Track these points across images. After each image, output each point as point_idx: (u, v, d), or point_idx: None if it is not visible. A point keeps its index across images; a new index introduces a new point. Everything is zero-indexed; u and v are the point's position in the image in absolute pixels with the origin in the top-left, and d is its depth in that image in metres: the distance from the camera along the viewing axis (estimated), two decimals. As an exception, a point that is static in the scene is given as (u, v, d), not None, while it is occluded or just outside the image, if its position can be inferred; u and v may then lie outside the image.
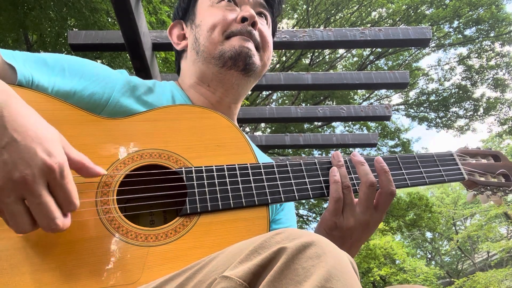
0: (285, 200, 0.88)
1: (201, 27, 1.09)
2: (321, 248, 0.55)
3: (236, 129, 0.93)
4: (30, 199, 0.62)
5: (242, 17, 1.06)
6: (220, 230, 0.80)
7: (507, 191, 1.07)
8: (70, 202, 0.66)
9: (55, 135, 0.67)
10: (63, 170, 0.64)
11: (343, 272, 0.53)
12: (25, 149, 0.61)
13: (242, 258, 0.56)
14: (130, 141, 0.85)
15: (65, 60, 0.96)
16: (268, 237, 0.58)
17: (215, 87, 1.11)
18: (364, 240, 0.94)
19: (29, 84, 0.85)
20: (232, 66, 1.05)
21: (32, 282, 0.67)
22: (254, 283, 0.53)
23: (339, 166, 0.92)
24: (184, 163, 0.85)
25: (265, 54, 1.13)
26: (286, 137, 4.25)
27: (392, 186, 0.91)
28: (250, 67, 1.06)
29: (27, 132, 0.63)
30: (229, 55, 1.04)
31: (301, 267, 0.52)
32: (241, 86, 1.12)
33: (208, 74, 1.10)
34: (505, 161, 1.12)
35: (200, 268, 0.60)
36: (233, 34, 1.06)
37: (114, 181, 0.79)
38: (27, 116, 0.65)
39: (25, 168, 0.60)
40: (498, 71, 14.84)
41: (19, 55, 0.89)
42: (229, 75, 1.07)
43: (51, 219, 0.63)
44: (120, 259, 0.73)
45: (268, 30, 1.16)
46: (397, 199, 13.31)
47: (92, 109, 0.89)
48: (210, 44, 1.06)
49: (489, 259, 18.29)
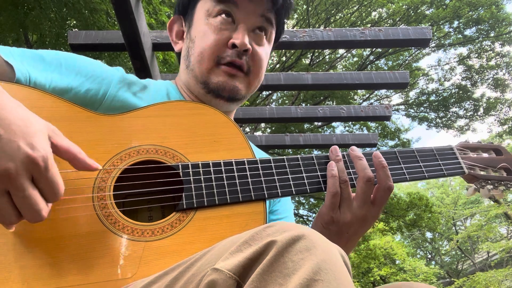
0: (282, 195, 0.88)
1: (194, 44, 1.07)
2: (311, 242, 0.55)
3: (233, 124, 0.93)
4: (14, 192, 0.62)
5: (233, 44, 1.03)
6: (217, 225, 0.80)
7: (508, 185, 1.06)
8: (55, 194, 0.66)
9: (40, 127, 0.67)
10: (47, 162, 0.64)
11: (333, 265, 0.53)
12: (8, 143, 0.61)
13: (233, 250, 0.56)
14: (126, 137, 0.85)
15: (62, 57, 0.96)
16: (259, 230, 0.59)
17: (202, 101, 1.10)
18: (361, 234, 0.94)
19: (27, 81, 0.86)
20: (217, 96, 1.06)
21: (21, 278, 0.67)
22: (244, 276, 0.53)
23: (337, 161, 0.92)
24: (181, 159, 0.86)
25: (255, 78, 1.10)
26: (286, 137, 4.25)
27: (390, 181, 0.91)
28: (235, 98, 1.07)
29: (10, 126, 0.63)
30: (213, 87, 1.05)
31: (290, 260, 0.53)
32: (228, 108, 1.12)
33: (195, 91, 1.10)
34: (506, 155, 1.10)
35: (194, 261, 0.61)
36: (223, 61, 1.04)
37: (111, 176, 0.80)
38: (11, 109, 0.65)
39: (7, 162, 0.60)
40: (498, 71, 14.84)
41: (17, 52, 0.90)
42: (215, 101, 1.08)
43: (36, 211, 0.64)
44: (117, 254, 0.73)
45: (264, 48, 1.11)
46: (397, 199, 13.30)
47: (89, 105, 0.89)
48: (199, 68, 1.06)
49: (489, 259, 18.26)
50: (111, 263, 0.72)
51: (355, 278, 14.30)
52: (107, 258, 0.73)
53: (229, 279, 0.52)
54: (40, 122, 0.68)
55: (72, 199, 0.75)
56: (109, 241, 0.74)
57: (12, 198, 0.63)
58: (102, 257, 0.72)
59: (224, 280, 0.52)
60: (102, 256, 0.72)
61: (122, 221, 0.77)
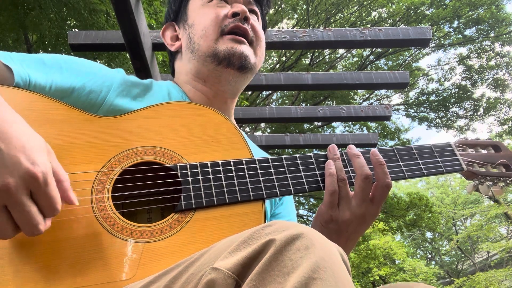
0: (280, 194, 0.88)
1: (194, 26, 1.11)
2: (309, 240, 0.55)
3: (230, 124, 0.93)
4: (12, 207, 0.62)
5: (234, 12, 1.08)
6: (215, 225, 0.79)
7: (508, 181, 1.05)
8: (53, 209, 0.66)
9: (40, 144, 0.67)
10: (46, 178, 0.64)
11: (332, 263, 0.53)
12: (8, 158, 0.61)
13: (232, 249, 0.56)
14: (124, 139, 0.85)
15: (62, 59, 0.96)
16: (258, 229, 0.58)
17: (211, 83, 1.12)
18: (361, 233, 0.94)
19: (27, 85, 0.86)
20: (228, 64, 1.07)
21: (19, 281, 0.67)
22: (243, 275, 0.53)
23: (335, 159, 0.92)
24: (179, 160, 0.85)
25: (259, 49, 1.14)
26: (286, 137, 4.25)
27: (388, 179, 0.90)
28: (246, 65, 1.08)
29: (11, 140, 0.63)
30: (223, 55, 1.06)
31: (289, 259, 0.52)
32: (238, 82, 1.13)
33: (204, 71, 1.11)
34: (505, 151, 1.10)
35: (193, 261, 0.60)
36: (227, 30, 1.07)
37: (109, 178, 0.79)
38: (12, 123, 0.65)
39: (8, 177, 0.60)
40: (498, 71, 14.83)
41: (16, 56, 0.89)
42: (226, 73, 1.08)
43: (34, 226, 0.64)
44: (115, 255, 0.73)
45: (259, 25, 1.18)
46: (397, 199, 13.30)
47: (88, 109, 0.89)
48: (205, 42, 1.08)
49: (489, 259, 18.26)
50: (109, 265, 0.72)
51: (355, 278, 14.30)
52: (106, 259, 0.72)
53: (228, 278, 0.52)
54: (39, 138, 0.69)
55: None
56: (107, 243, 0.74)
57: (10, 212, 0.63)
58: (101, 258, 0.72)
59: (223, 279, 0.52)
60: (100, 258, 0.72)
61: (120, 222, 0.76)
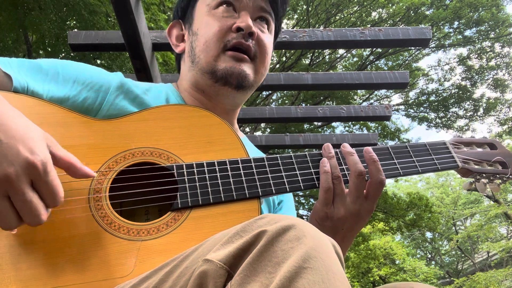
0: (276, 192, 0.88)
1: (197, 36, 1.08)
2: (301, 231, 0.55)
3: (226, 125, 0.94)
4: (14, 196, 0.63)
5: (238, 27, 1.04)
6: (211, 223, 0.80)
7: (504, 178, 1.06)
8: (54, 198, 0.67)
9: (39, 134, 0.69)
10: (46, 167, 0.65)
11: (323, 253, 0.53)
12: (7, 148, 0.62)
13: (224, 241, 0.57)
14: (122, 140, 0.86)
15: (59, 65, 0.97)
16: (251, 221, 0.59)
17: (210, 96, 1.11)
18: (357, 230, 0.94)
19: (25, 91, 0.87)
20: (225, 83, 1.05)
21: (18, 279, 0.68)
22: (235, 266, 0.54)
23: (329, 158, 0.93)
24: (176, 160, 0.87)
25: (261, 65, 1.11)
26: (286, 137, 4.25)
27: (382, 175, 0.91)
28: (244, 84, 1.06)
29: (9, 131, 0.64)
30: (220, 74, 1.04)
31: (280, 249, 0.53)
32: (236, 98, 1.12)
33: (202, 84, 1.10)
34: (501, 149, 1.10)
35: (187, 255, 0.61)
36: (229, 46, 1.04)
37: (107, 178, 0.81)
38: (10, 116, 0.67)
39: (8, 167, 0.61)
40: (498, 71, 14.83)
41: (15, 62, 0.90)
42: (223, 90, 1.07)
43: (36, 215, 0.65)
44: (113, 253, 0.74)
45: (268, 36, 1.13)
46: (397, 199, 13.30)
47: (86, 113, 0.90)
48: (205, 58, 1.06)
49: (489, 259, 18.26)
50: (107, 263, 0.73)
51: (355, 278, 14.31)
52: (104, 257, 0.73)
53: (220, 269, 0.53)
54: (38, 129, 0.70)
55: (69, 200, 0.76)
56: (105, 241, 0.75)
57: (12, 202, 0.64)
58: (99, 256, 0.73)
59: (215, 270, 0.53)
60: (98, 256, 0.73)
61: (117, 221, 0.77)
